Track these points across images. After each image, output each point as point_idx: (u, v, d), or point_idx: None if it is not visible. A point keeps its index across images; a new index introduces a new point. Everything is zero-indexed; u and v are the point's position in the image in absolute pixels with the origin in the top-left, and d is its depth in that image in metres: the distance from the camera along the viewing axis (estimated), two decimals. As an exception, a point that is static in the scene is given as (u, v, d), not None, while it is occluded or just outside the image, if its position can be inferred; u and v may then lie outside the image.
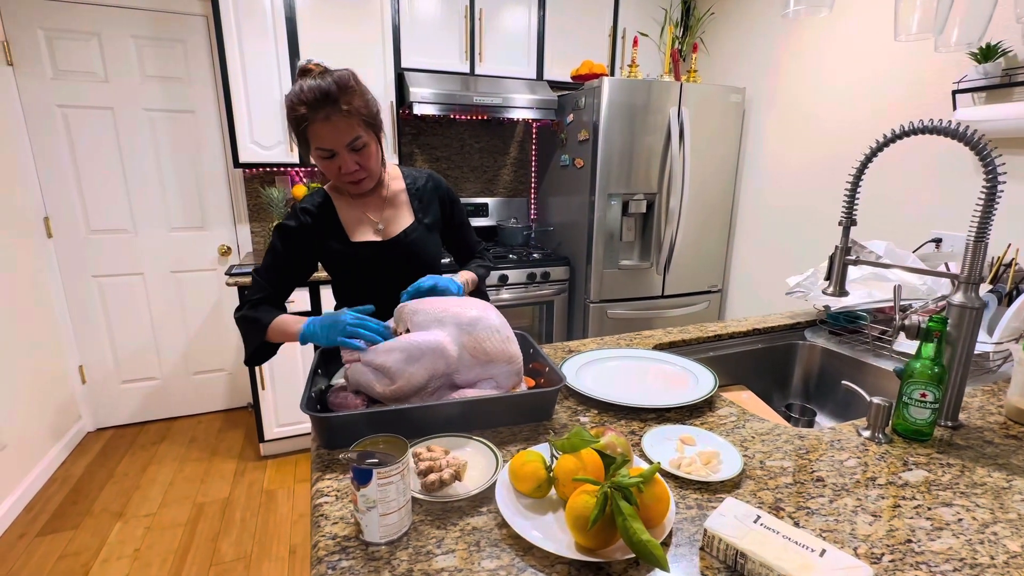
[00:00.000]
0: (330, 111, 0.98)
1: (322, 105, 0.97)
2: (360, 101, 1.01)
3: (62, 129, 2.32)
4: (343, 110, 0.98)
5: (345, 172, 1.05)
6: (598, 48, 2.74)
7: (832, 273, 1.10)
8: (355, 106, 1.00)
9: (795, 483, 0.75)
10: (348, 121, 0.99)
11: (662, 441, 0.84)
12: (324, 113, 0.98)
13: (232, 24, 2.12)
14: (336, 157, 1.03)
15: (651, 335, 1.40)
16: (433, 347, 0.88)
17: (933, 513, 0.68)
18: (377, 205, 1.19)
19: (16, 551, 1.82)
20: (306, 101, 0.97)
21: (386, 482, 0.59)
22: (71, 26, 2.24)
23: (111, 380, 2.63)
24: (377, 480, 0.59)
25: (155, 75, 2.39)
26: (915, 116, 1.90)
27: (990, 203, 0.84)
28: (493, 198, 3.00)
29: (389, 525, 0.61)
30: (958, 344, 0.89)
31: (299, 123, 1.00)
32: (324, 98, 0.97)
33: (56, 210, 2.38)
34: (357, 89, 1.02)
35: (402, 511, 0.62)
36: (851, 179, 1.01)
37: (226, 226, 2.64)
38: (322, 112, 0.97)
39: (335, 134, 1.00)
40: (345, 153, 1.03)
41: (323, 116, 0.98)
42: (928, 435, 0.87)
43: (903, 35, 0.81)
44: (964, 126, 0.84)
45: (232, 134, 2.21)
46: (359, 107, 1.01)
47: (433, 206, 1.25)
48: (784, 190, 2.45)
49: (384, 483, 0.59)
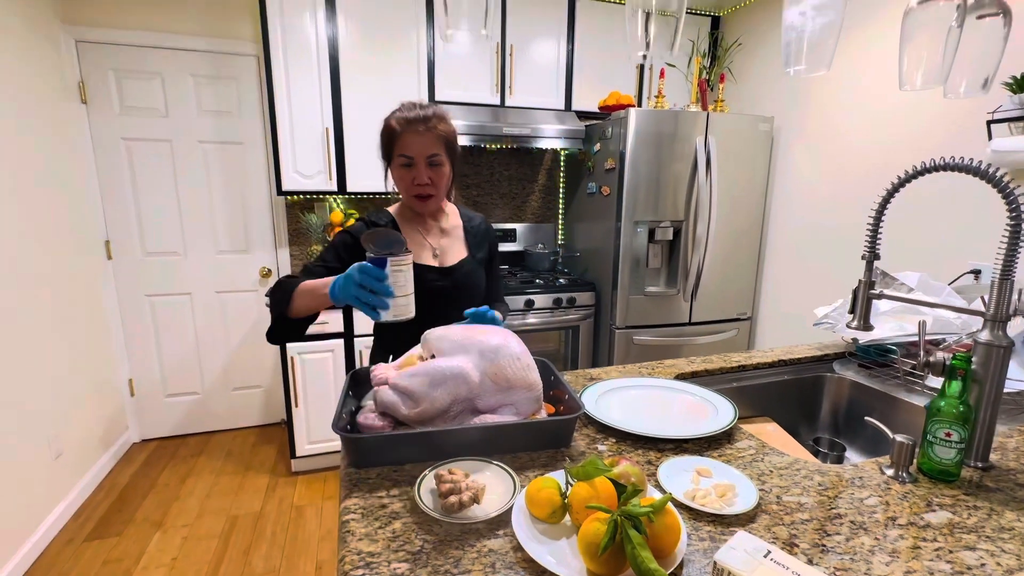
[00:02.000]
0: (424, 127, 1.15)
1: (419, 121, 1.15)
2: (447, 128, 1.19)
3: (125, 160, 2.52)
4: (435, 130, 1.16)
5: (418, 182, 1.18)
6: (626, 79, 2.80)
7: (856, 307, 1.09)
8: (443, 130, 1.17)
9: (811, 519, 0.75)
10: (433, 138, 1.16)
11: (678, 472, 0.85)
12: (418, 127, 1.15)
13: (280, 63, 2.28)
14: (413, 167, 1.17)
15: (674, 364, 1.41)
16: (456, 373, 0.92)
17: (955, 556, 0.67)
18: (436, 233, 1.30)
19: (64, 555, 1.93)
20: (406, 118, 1.15)
21: (397, 269, 0.77)
22: (138, 67, 2.46)
23: (157, 393, 2.78)
24: (390, 268, 0.77)
25: (210, 110, 2.58)
26: (949, 144, 1.87)
27: (1015, 241, 0.84)
28: (521, 224, 3.06)
29: (399, 307, 0.81)
30: (986, 383, 0.88)
31: (391, 134, 1.17)
32: (421, 117, 1.15)
33: (116, 234, 2.57)
34: (448, 119, 1.20)
35: (408, 298, 0.82)
36: (873, 213, 1.02)
37: (267, 250, 2.79)
38: (417, 126, 1.15)
39: (420, 145, 1.15)
40: (422, 164, 1.17)
41: (413, 129, 1.15)
42: (955, 475, 0.85)
43: (908, 86, 0.83)
44: (986, 164, 0.85)
45: (276, 164, 2.36)
46: (445, 132, 1.18)
47: (484, 246, 1.36)
48: (815, 219, 2.42)
49: (395, 270, 0.78)
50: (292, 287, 1.06)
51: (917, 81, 0.81)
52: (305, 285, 1.04)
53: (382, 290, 0.86)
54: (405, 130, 1.15)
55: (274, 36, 2.25)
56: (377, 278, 0.85)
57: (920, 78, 0.80)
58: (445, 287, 1.26)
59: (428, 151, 1.16)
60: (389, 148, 1.18)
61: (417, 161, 1.16)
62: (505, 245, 3.02)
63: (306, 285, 1.03)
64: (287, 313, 1.07)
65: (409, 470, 0.86)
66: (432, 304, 1.24)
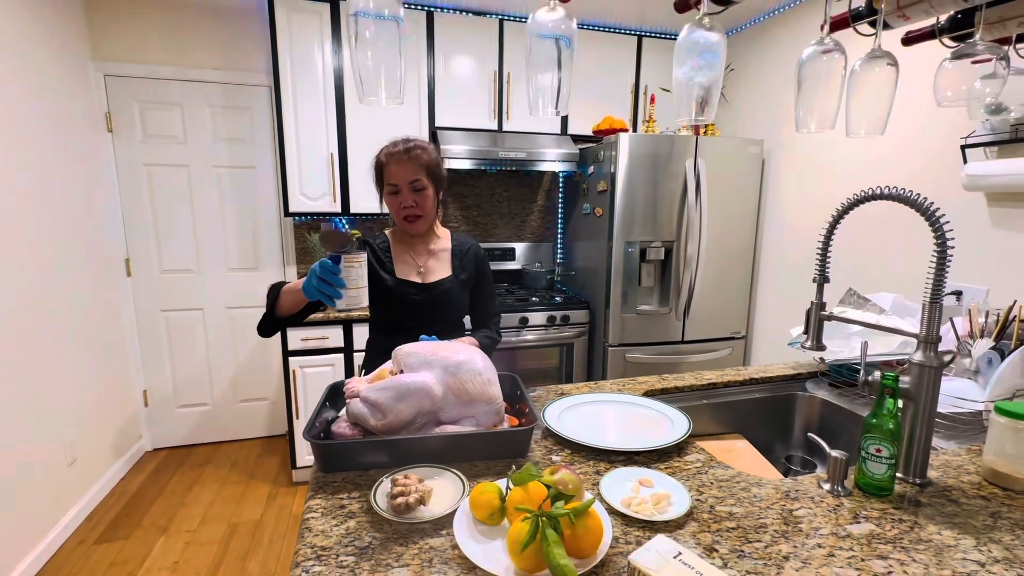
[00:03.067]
0: (403, 157, 1.29)
1: (400, 153, 1.29)
2: (428, 157, 1.32)
3: (146, 184, 2.69)
4: (413, 157, 1.29)
5: (404, 206, 1.31)
6: (620, 103, 2.90)
7: (809, 328, 1.14)
8: (423, 159, 1.31)
9: (737, 528, 0.80)
10: (415, 166, 1.29)
11: (621, 482, 0.91)
12: (399, 157, 1.29)
13: (289, 93, 2.44)
14: (400, 194, 1.30)
15: (645, 381, 1.46)
16: (420, 387, 0.99)
17: (864, 565, 0.72)
18: (424, 254, 1.41)
19: (75, 557, 2.03)
20: (389, 151, 1.31)
21: (349, 265, 0.95)
22: (160, 98, 2.64)
23: (169, 404, 2.91)
24: (344, 264, 0.94)
25: (224, 137, 2.75)
26: (927, 169, 1.90)
27: (941, 266, 0.89)
28: (520, 243, 3.15)
29: (351, 297, 0.98)
30: (920, 401, 0.92)
31: (380, 167, 1.32)
32: (402, 149, 1.30)
33: (136, 252, 2.73)
34: (430, 149, 1.34)
35: (361, 290, 0.99)
36: (821, 240, 1.07)
37: (276, 267, 2.92)
38: (398, 157, 1.29)
39: (403, 173, 1.29)
40: (407, 190, 1.30)
41: (397, 159, 1.29)
42: (888, 491, 0.89)
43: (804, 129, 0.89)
44: (915, 193, 0.90)
45: (284, 187, 2.50)
46: (426, 160, 1.32)
47: (470, 268, 1.45)
48: (804, 239, 2.46)
49: (347, 266, 0.94)
50: (281, 285, 1.23)
51: (811, 125, 0.87)
52: (290, 285, 1.20)
53: (336, 282, 1.00)
54: (390, 161, 1.30)
55: (284, 68, 2.41)
56: (332, 271, 1.00)
57: (814, 123, 0.86)
58: (423, 301, 1.37)
59: (410, 177, 1.29)
60: (379, 179, 1.34)
61: (402, 187, 1.30)
62: (504, 264, 3.11)
63: (289, 285, 1.20)
64: (275, 310, 1.23)
65: (373, 475, 0.94)
66: (412, 316, 1.37)
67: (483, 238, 3.16)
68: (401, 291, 1.36)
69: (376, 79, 0.68)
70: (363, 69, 0.69)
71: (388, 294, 1.36)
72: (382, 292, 1.36)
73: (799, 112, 0.88)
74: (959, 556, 0.74)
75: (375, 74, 0.68)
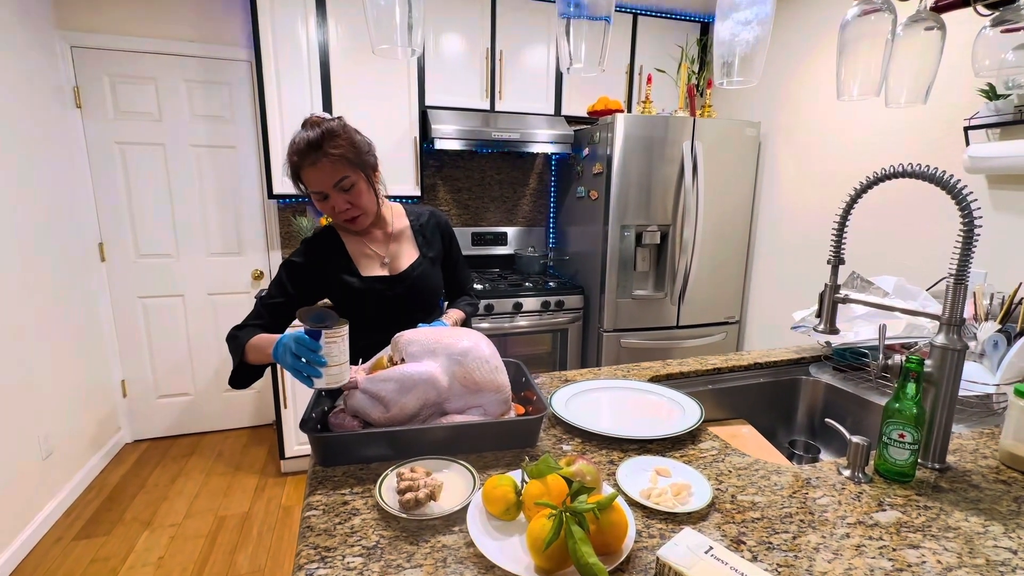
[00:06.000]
0: (316, 157, 1.08)
1: (309, 152, 1.08)
2: (346, 144, 1.10)
3: (119, 163, 2.55)
4: (329, 154, 1.08)
5: (339, 211, 1.14)
6: (615, 84, 2.83)
7: (823, 311, 1.11)
8: (340, 150, 1.09)
9: (762, 518, 0.76)
10: (333, 164, 1.09)
11: (638, 471, 0.87)
12: (311, 159, 1.08)
13: (272, 68, 2.31)
14: (329, 198, 1.12)
15: (649, 367, 1.43)
16: (425, 378, 0.94)
17: (897, 555, 0.69)
18: (382, 240, 1.27)
19: (53, 554, 1.94)
20: (297, 151, 1.09)
21: (331, 341, 0.85)
22: (133, 72, 2.49)
23: (149, 394, 2.80)
24: (324, 340, 0.84)
25: (202, 114, 2.61)
26: (928, 151, 1.89)
27: (967, 246, 0.86)
28: (513, 227, 3.09)
29: (332, 376, 0.87)
30: (941, 385, 0.90)
31: (295, 171, 1.11)
32: (309, 147, 1.08)
33: (109, 236, 2.60)
34: (343, 134, 1.10)
35: (342, 367, 0.88)
36: (838, 220, 1.04)
37: (260, 252, 2.82)
38: (309, 159, 1.08)
39: (322, 177, 1.09)
40: (335, 194, 1.12)
41: (310, 162, 1.08)
42: (910, 476, 0.87)
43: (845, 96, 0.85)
44: (941, 171, 0.86)
45: (268, 168, 2.39)
46: (344, 150, 1.09)
47: (436, 241, 1.33)
48: (801, 223, 2.44)
49: (329, 341, 0.84)
50: (245, 340, 1.07)
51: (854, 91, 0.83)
52: (254, 342, 1.05)
53: (315, 360, 0.87)
54: (303, 164, 1.09)
55: (265, 41, 2.28)
56: (312, 349, 0.87)
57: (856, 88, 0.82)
58: (398, 295, 1.24)
59: (332, 179, 1.10)
60: (300, 184, 1.13)
61: (328, 192, 1.11)
62: (496, 248, 3.04)
63: (255, 342, 1.05)
64: (246, 360, 1.07)
65: (375, 469, 0.88)
66: (388, 312, 1.24)
67: (474, 222, 3.09)
68: (371, 289, 1.22)
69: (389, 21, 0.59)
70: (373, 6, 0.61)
71: (356, 296, 1.22)
72: (349, 294, 1.22)
73: (841, 76, 0.83)
74: (990, 543, 0.71)
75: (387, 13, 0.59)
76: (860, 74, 0.81)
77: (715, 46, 0.71)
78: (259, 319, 1.15)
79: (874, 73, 0.79)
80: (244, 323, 1.14)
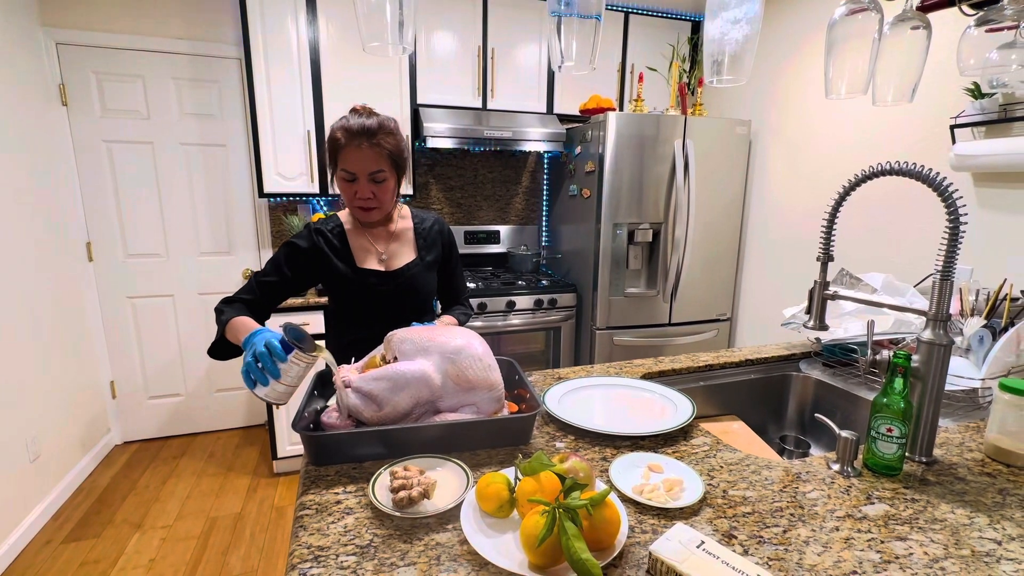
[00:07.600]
0: (364, 141, 1.12)
1: (360, 136, 1.12)
2: (393, 142, 1.15)
3: (107, 162, 2.52)
4: (378, 145, 1.13)
5: (360, 197, 1.17)
6: (607, 82, 2.83)
7: (812, 308, 1.12)
8: (389, 146, 1.14)
9: (753, 512, 0.77)
10: (377, 155, 1.13)
11: (630, 468, 0.88)
12: (358, 142, 1.12)
13: (262, 66, 2.29)
14: (356, 182, 1.15)
15: (642, 364, 1.44)
16: (418, 376, 0.94)
17: (885, 547, 0.70)
18: (384, 238, 1.29)
19: (42, 557, 1.92)
20: (347, 129, 1.12)
21: (295, 362, 0.86)
22: (120, 70, 2.46)
23: (139, 395, 2.77)
24: (292, 357, 0.86)
25: (192, 112, 2.59)
26: (916, 149, 1.91)
27: (953, 243, 0.87)
28: (505, 225, 3.09)
29: (276, 392, 0.89)
30: (928, 380, 0.91)
31: (335, 145, 1.14)
32: (363, 131, 1.12)
33: (97, 235, 2.57)
34: (396, 133, 1.17)
35: (289, 390, 0.89)
36: (826, 217, 1.05)
37: (251, 251, 2.80)
38: (356, 141, 1.12)
39: (363, 162, 1.13)
40: (365, 181, 1.15)
41: (356, 144, 1.12)
42: (898, 470, 0.88)
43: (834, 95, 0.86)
44: (928, 168, 0.88)
45: (258, 166, 2.37)
46: (392, 148, 1.15)
47: (435, 247, 1.35)
48: (790, 220, 2.46)
49: (293, 361, 0.86)
50: (228, 318, 1.08)
51: (842, 90, 0.84)
52: (235, 323, 1.06)
53: (271, 371, 0.88)
54: (348, 144, 1.12)
55: (255, 39, 2.26)
56: (275, 358, 0.88)
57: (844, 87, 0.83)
58: (388, 291, 1.26)
59: (371, 168, 1.13)
60: (334, 158, 1.15)
61: (359, 177, 1.14)
62: (488, 247, 3.04)
63: (235, 323, 1.05)
64: (226, 336, 1.08)
65: (368, 467, 0.88)
66: (377, 307, 1.26)
67: (466, 220, 3.08)
68: (363, 282, 1.24)
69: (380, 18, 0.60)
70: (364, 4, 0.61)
71: (348, 286, 1.24)
72: (342, 284, 1.24)
73: (829, 75, 0.84)
74: (975, 535, 0.73)
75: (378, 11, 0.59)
76: (847, 73, 0.82)
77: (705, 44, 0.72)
78: (250, 294, 1.18)
79: (861, 72, 0.80)
80: (235, 296, 1.18)
